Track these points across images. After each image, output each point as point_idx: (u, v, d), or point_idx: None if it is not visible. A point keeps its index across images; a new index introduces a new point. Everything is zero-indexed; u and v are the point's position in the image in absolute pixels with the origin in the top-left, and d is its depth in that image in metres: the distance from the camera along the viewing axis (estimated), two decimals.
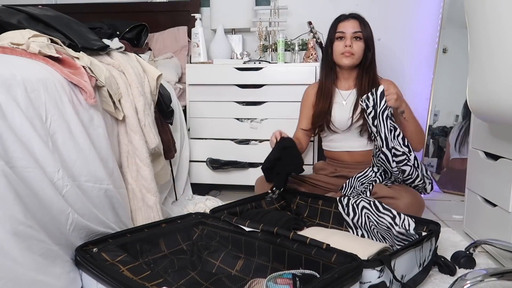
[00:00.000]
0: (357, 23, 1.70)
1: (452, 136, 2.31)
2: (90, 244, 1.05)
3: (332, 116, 1.76)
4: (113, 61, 1.44)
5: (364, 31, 1.69)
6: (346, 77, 1.78)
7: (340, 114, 1.75)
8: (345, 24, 1.71)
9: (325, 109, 1.76)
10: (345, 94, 1.78)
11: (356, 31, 1.69)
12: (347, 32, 1.69)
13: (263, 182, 1.72)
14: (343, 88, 1.80)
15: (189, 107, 2.21)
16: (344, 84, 1.79)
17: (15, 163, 0.90)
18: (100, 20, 2.17)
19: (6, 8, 1.46)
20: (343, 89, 1.79)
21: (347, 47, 1.68)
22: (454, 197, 2.18)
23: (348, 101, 1.75)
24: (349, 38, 1.69)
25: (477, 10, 1.08)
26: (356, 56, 1.70)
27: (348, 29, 1.69)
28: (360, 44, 1.70)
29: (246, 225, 1.16)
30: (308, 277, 0.91)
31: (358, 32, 1.69)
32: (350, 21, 1.71)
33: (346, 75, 1.78)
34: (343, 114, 1.74)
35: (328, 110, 1.76)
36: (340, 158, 1.80)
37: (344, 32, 1.70)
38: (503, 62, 0.98)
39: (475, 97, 1.16)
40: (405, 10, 2.47)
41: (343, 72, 1.78)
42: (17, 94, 0.98)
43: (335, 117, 1.75)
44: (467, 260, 1.27)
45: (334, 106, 1.77)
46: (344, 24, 1.71)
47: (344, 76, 1.79)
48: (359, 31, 1.69)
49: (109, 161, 1.26)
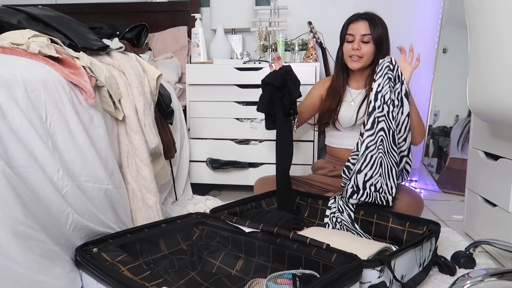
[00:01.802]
0: (366, 25, 1.66)
1: (454, 134, 2.30)
2: (90, 244, 1.05)
3: (338, 114, 1.75)
4: (113, 61, 1.44)
5: (374, 32, 1.65)
6: (357, 77, 1.77)
7: (346, 112, 1.74)
8: (354, 26, 1.68)
9: (333, 107, 1.76)
10: (354, 93, 1.77)
11: (365, 34, 1.65)
12: (356, 34, 1.66)
13: (262, 184, 1.71)
14: (354, 87, 1.78)
15: (189, 107, 2.21)
16: (355, 84, 1.78)
17: (15, 163, 0.90)
18: (100, 20, 2.18)
19: (6, 8, 1.46)
20: (353, 88, 1.78)
21: (354, 50, 1.66)
22: (454, 197, 2.18)
23: (356, 100, 1.75)
24: (358, 41, 1.66)
25: (477, 10, 1.08)
26: (364, 59, 1.67)
27: (357, 32, 1.66)
28: (370, 47, 1.66)
29: (246, 225, 1.16)
30: (308, 277, 0.91)
31: (367, 35, 1.65)
32: (360, 22, 1.67)
33: (358, 76, 1.77)
34: (348, 112, 1.73)
35: (336, 109, 1.76)
36: (339, 155, 1.79)
37: (353, 35, 1.67)
38: (501, 62, 0.98)
39: (475, 97, 1.16)
40: (405, 10, 2.47)
41: (354, 73, 1.76)
42: (17, 94, 0.98)
43: (340, 115, 1.75)
44: (467, 260, 1.27)
45: (342, 104, 1.76)
46: (353, 26, 1.68)
47: (355, 77, 1.78)
48: (368, 34, 1.65)
49: (109, 161, 1.26)
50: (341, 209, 1.45)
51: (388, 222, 1.31)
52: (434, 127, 2.38)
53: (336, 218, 1.44)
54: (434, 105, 2.38)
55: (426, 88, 2.45)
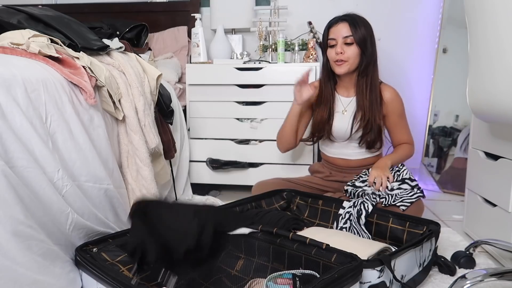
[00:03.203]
0: (347, 26, 1.59)
1: (461, 137, 2.27)
2: (90, 244, 1.05)
3: (332, 126, 1.70)
4: (113, 61, 1.44)
5: (355, 34, 1.58)
6: (345, 84, 1.71)
7: (339, 124, 1.69)
8: (335, 29, 1.62)
9: (324, 118, 1.70)
10: (345, 102, 1.71)
11: (346, 36, 1.59)
12: (337, 38, 1.60)
13: (260, 188, 1.69)
14: (344, 94, 1.72)
15: (189, 107, 2.21)
16: (345, 91, 1.72)
17: (15, 163, 0.90)
18: (100, 20, 2.18)
19: (6, 8, 1.46)
20: (344, 96, 1.72)
21: (338, 54, 1.60)
22: (454, 197, 2.18)
23: (348, 110, 1.69)
24: (340, 45, 1.60)
25: (477, 10, 1.08)
26: (350, 62, 1.60)
27: (338, 35, 1.60)
28: (353, 49, 1.59)
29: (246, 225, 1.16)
30: (308, 277, 0.91)
31: (348, 36, 1.58)
32: (340, 25, 1.61)
33: (346, 82, 1.70)
34: (342, 124, 1.68)
35: (329, 121, 1.70)
36: (334, 163, 1.77)
37: (335, 39, 1.61)
38: (501, 62, 0.98)
39: (475, 97, 1.16)
40: (405, 10, 2.47)
41: (342, 79, 1.70)
42: (17, 94, 0.98)
43: (334, 127, 1.70)
44: (467, 260, 1.27)
45: (334, 115, 1.70)
46: (334, 30, 1.62)
47: (343, 83, 1.71)
48: (350, 35, 1.58)
49: (109, 161, 1.26)
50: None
51: (388, 222, 1.31)
52: (434, 127, 2.38)
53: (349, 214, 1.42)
54: (434, 105, 2.38)
55: (426, 88, 2.45)
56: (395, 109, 1.67)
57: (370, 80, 1.64)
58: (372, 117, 1.63)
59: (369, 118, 1.63)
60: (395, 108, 1.67)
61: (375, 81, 1.65)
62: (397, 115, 1.68)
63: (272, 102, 2.14)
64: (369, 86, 1.64)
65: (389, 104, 1.66)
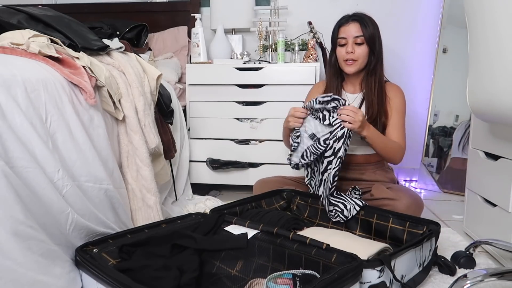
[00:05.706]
0: (358, 26, 1.61)
1: (456, 135, 2.29)
2: (90, 245, 1.05)
3: None
4: (113, 61, 1.44)
5: (366, 33, 1.60)
6: (352, 81, 1.73)
7: None
8: (345, 29, 1.64)
9: None
10: (351, 98, 1.72)
11: (357, 36, 1.61)
12: (348, 37, 1.62)
13: (261, 186, 1.69)
14: (350, 91, 1.74)
15: (189, 107, 2.21)
16: (351, 88, 1.74)
17: (15, 163, 0.90)
18: (100, 20, 2.18)
19: (6, 8, 1.46)
20: (350, 93, 1.74)
21: (349, 53, 1.62)
22: (454, 197, 2.18)
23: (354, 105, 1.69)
24: (351, 44, 1.62)
25: (476, 10, 1.08)
26: (359, 61, 1.63)
27: (349, 34, 1.62)
28: (363, 48, 1.62)
29: (246, 225, 1.16)
30: (308, 277, 0.91)
31: (359, 36, 1.60)
32: (351, 24, 1.63)
33: (353, 79, 1.72)
34: None
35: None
36: None
37: (346, 38, 1.63)
38: (501, 62, 0.98)
39: (475, 97, 1.16)
40: (405, 10, 2.47)
41: (349, 77, 1.72)
42: (17, 94, 0.98)
43: None
44: (467, 260, 1.27)
45: None
46: (344, 29, 1.64)
47: (351, 80, 1.73)
48: (361, 35, 1.60)
49: (109, 161, 1.26)
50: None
51: (388, 222, 1.31)
52: (434, 127, 2.38)
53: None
54: (434, 105, 2.38)
55: (426, 88, 2.45)
56: (395, 105, 1.68)
57: (377, 79, 1.67)
58: (378, 114, 1.64)
59: (376, 116, 1.64)
60: (395, 103, 1.68)
61: (382, 79, 1.69)
62: (395, 109, 1.67)
63: (272, 102, 2.14)
64: (377, 84, 1.67)
65: (391, 99, 1.68)
